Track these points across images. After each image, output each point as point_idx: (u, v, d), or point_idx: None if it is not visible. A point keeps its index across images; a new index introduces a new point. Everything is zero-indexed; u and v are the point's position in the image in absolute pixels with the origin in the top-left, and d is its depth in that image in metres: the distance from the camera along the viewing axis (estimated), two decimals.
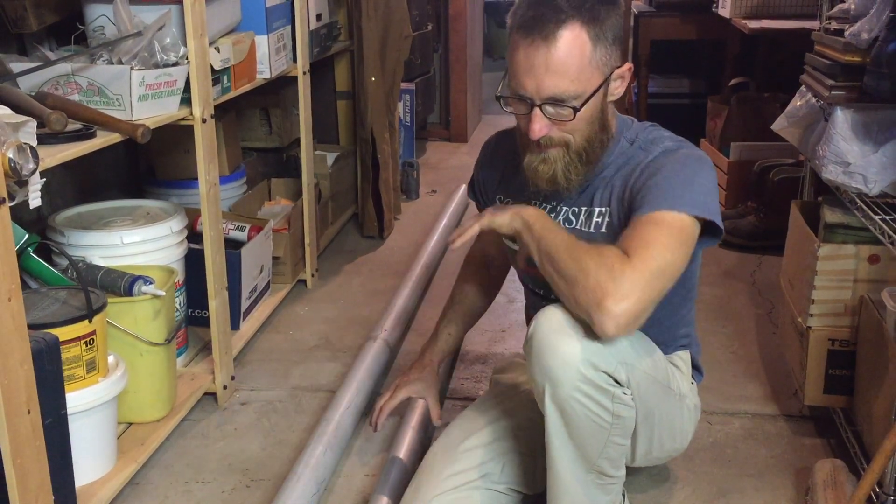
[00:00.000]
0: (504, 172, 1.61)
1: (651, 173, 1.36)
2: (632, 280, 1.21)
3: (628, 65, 1.39)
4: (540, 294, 1.58)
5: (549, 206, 1.50)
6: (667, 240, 1.26)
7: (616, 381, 1.30)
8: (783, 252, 2.10)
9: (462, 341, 1.87)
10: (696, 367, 1.64)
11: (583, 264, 1.24)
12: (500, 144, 1.66)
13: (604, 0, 1.32)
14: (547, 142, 1.37)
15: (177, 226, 1.97)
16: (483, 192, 1.68)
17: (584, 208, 1.46)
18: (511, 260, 1.64)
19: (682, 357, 1.57)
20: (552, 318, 1.30)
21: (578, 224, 1.47)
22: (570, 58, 1.29)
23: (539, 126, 1.34)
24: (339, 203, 3.21)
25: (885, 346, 1.59)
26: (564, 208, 1.49)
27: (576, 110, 1.32)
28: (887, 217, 1.60)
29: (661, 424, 1.47)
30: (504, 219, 1.37)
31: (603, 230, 1.44)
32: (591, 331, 1.27)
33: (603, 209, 1.43)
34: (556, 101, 1.32)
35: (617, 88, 1.39)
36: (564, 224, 1.48)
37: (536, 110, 1.33)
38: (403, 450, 1.71)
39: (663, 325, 1.49)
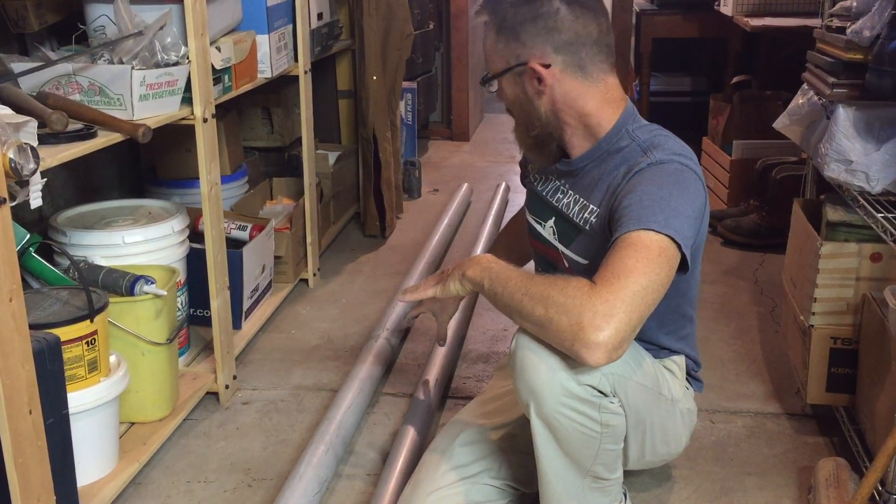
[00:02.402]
0: None
1: (631, 188, 1.34)
2: (606, 307, 1.17)
3: (535, 63, 1.40)
4: (541, 270, 1.61)
5: (559, 184, 1.53)
6: (642, 264, 1.22)
7: (601, 392, 1.30)
8: (785, 250, 2.09)
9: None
10: (694, 378, 1.62)
11: (548, 305, 1.22)
12: None
13: (520, 2, 1.41)
14: (507, 110, 1.52)
15: (178, 225, 1.97)
16: (524, 165, 1.74)
17: (581, 200, 1.47)
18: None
19: (677, 361, 1.55)
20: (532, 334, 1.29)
21: (571, 213, 1.48)
22: (483, 39, 1.50)
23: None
24: (340, 202, 3.21)
25: (888, 345, 1.58)
26: (570, 192, 1.50)
27: (483, 82, 1.48)
28: (889, 215, 1.59)
29: (653, 429, 1.46)
30: (454, 285, 1.41)
31: (587, 228, 1.44)
32: None
33: (595, 208, 1.44)
34: (484, 74, 1.49)
35: (532, 83, 1.42)
36: (563, 209, 1.50)
37: None
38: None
39: (654, 335, 1.50)
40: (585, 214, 1.45)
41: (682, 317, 1.54)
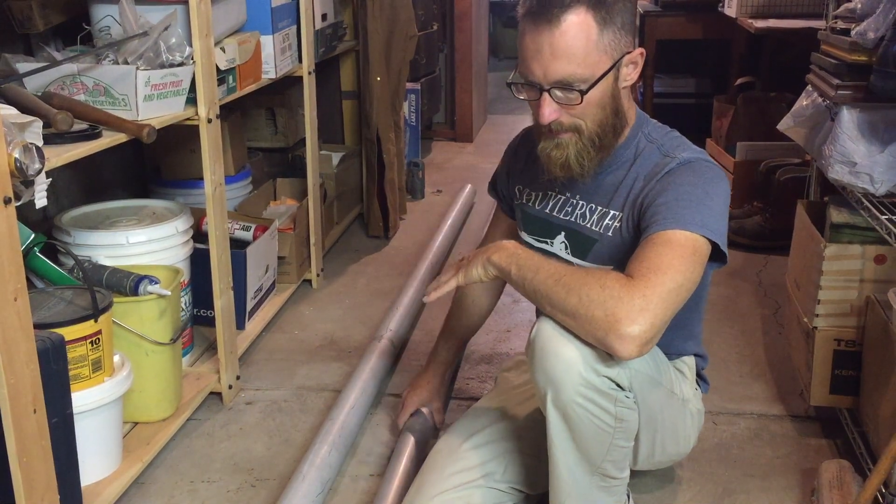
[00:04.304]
0: (526, 163, 1.62)
1: (664, 187, 1.35)
2: (643, 301, 1.19)
3: (640, 50, 1.38)
4: None
5: (564, 198, 1.51)
6: (678, 261, 1.24)
7: (618, 385, 1.30)
8: (789, 252, 2.09)
9: (463, 350, 1.93)
10: (702, 378, 1.64)
11: (583, 295, 1.22)
12: (524, 138, 1.66)
13: None
14: (558, 127, 1.38)
15: (182, 225, 1.97)
16: (504, 186, 1.70)
17: (600, 207, 1.46)
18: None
19: (687, 363, 1.57)
20: (554, 323, 1.29)
21: (589, 223, 1.47)
22: (575, 41, 1.30)
23: (548, 110, 1.35)
24: (344, 203, 3.21)
25: (892, 347, 1.58)
26: (582, 203, 1.49)
27: (583, 94, 1.33)
28: (893, 217, 1.59)
29: (664, 428, 1.47)
30: (477, 270, 1.38)
31: (610, 234, 1.43)
32: None
33: (617, 213, 1.43)
34: (564, 86, 1.33)
35: (629, 74, 1.38)
36: (579, 220, 1.48)
37: (545, 95, 1.35)
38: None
39: (666, 336, 1.49)
40: (607, 221, 1.44)
41: (694, 314, 1.55)
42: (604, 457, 1.34)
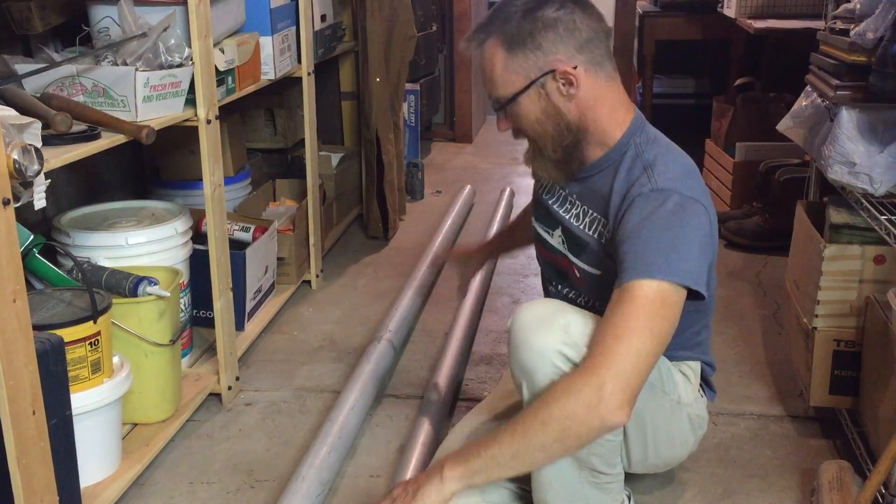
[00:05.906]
0: None
1: (636, 226, 1.32)
2: (612, 379, 1.19)
3: (564, 67, 1.37)
4: (548, 279, 1.63)
5: (565, 194, 1.53)
6: (646, 321, 1.23)
7: None
8: (788, 252, 2.09)
9: (510, 251, 2.05)
10: (709, 386, 1.63)
11: (550, 420, 1.21)
12: None
13: (528, 13, 1.38)
14: (518, 135, 1.49)
15: (181, 226, 1.97)
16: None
17: (592, 211, 1.47)
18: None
19: (692, 367, 1.55)
20: (528, 314, 1.30)
21: (582, 225, 1.48)
22: (489, 66, 1.42)
23: (500, 122, 1.47)
24: (343, 204, 3.21)
25: (891, 347, 1.58)
26: (578, 203, 1.50)
27: (499, 109, 1.44)
28: (893, 217, 1.59)
29: (656, 428, 1.46)
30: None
31: (602, 240, 1.44)
32: (568, 323, 1.29)
33: (602, 219, 1.44)
34: (496, 103, 1.45)
35: (565, 89, 1.39)
36: (573, 221, 1.49)
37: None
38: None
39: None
40: (595, 226, 1.45)
41: (703, 327, 1.55)
42: (588, 450, 1.34)
